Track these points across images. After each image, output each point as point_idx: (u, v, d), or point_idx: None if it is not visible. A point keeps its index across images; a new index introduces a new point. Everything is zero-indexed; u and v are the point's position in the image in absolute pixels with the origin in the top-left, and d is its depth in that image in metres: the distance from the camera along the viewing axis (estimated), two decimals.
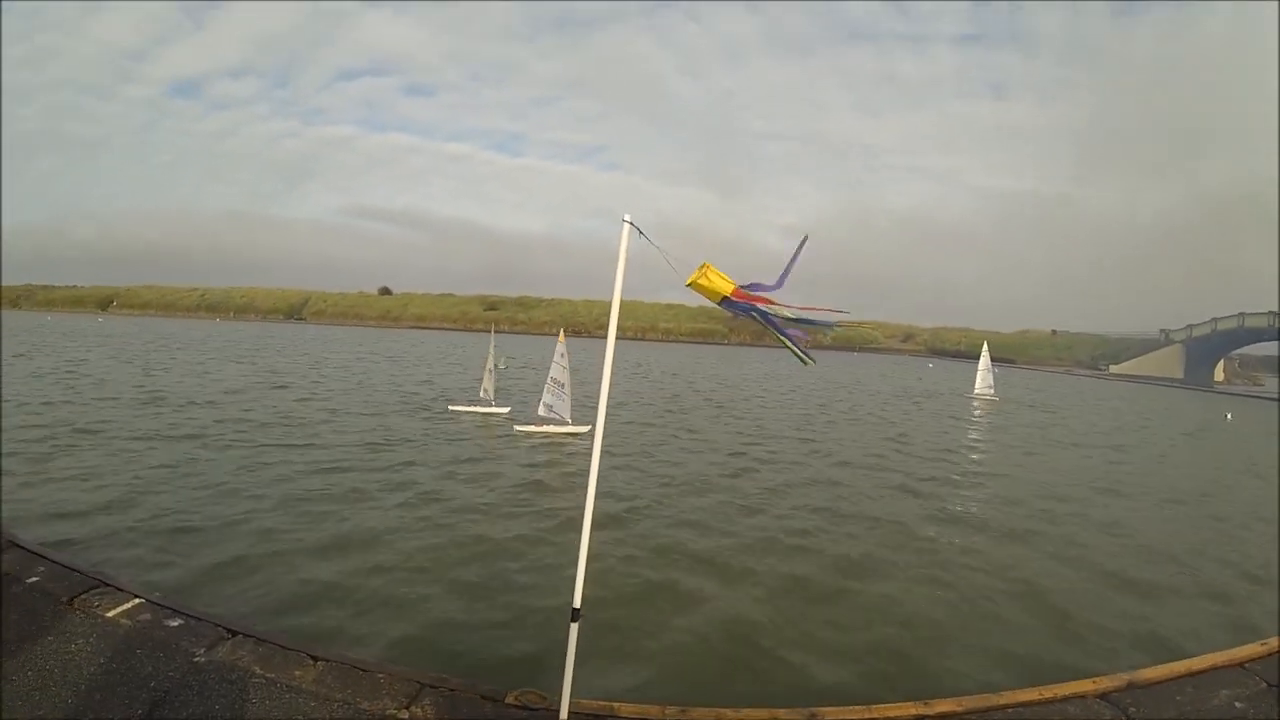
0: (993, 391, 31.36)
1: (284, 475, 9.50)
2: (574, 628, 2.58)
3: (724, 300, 2.43)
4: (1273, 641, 4.36)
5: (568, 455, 12.36)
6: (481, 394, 16.47)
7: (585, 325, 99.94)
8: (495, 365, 16.41)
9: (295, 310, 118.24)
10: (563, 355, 13.43)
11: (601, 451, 2.66)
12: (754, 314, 2.46)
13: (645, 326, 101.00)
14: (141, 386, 19.39)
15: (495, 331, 19.12)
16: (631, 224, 2.51)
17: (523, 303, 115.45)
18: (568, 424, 13.62)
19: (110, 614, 3.89)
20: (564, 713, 2.87)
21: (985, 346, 32.96)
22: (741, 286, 2.40)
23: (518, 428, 14.23)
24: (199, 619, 3.82)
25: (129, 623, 3.83)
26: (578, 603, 2.58)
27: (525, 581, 6.07)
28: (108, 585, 4.14)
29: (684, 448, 13.81)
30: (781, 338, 2.51)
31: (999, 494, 11.19)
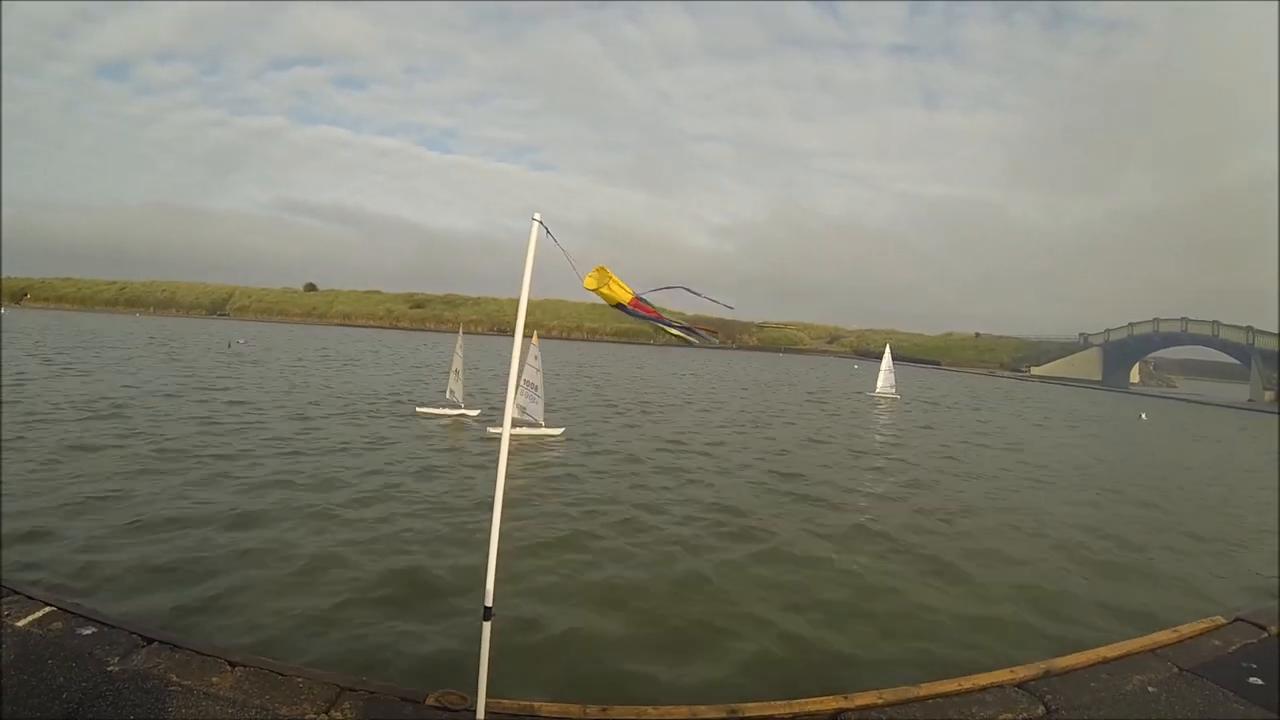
0: (894, 390, 32.24)
1: (240, 477, 9.28)
2: (486, 626, 2.58)
3: (619, 305, 2.51)
4: (1184, 629, 4.55)
5: (546, 458, 12.38)
6: (448, 395, 16.30)
7: (512, 324, 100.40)
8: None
9: (218, 306, 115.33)
10: (536, 357, 13.33)
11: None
12: (647, 319, 2.60)
13: (571, 326, 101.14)
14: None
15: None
16: (540, 223, 2.52)
17: (449, 301, 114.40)
18: (540, 426, 13.58)
19: (20, 623, 3.76)
20: (481, 713, 2.86)
21: (888, 348, 34.18)
22: (638, 296, 2.49)
23: (491, 430, 14.11)
24: (113, 626, 3.71)
25: (40, 632, 3.71)
26: (489, 601, 2.58)
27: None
28: (16, 594, 4.00)
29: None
30: (673, 332, 2.73)
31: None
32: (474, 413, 16.35)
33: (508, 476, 2.64)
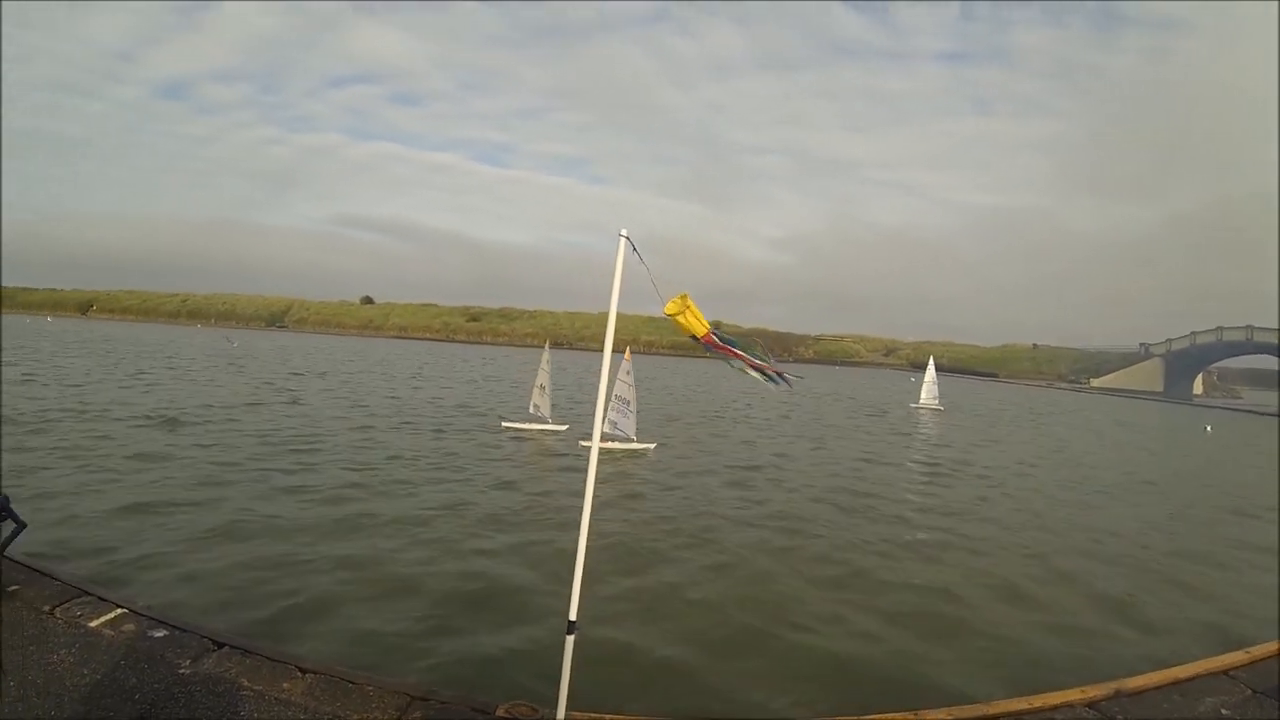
0: (938, 402, 31.96)
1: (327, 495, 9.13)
2: (569, 640, 2.58)
3: (694, 337, 2.53)
4: (1256, 650, 4.42)
5: (638, 471, 12.35)
6: (532, 409, 16.02)
7: (568, 337, 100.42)
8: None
9: (277, 318, 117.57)
10: (628, 373, 13.38)
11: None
12: (720, 357, 2.61)
13: (627, 340, 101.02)
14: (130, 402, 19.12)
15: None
16: (627, 239, 2.51)
17: (505, 314, 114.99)
18: (633, 441, 13.63)
19: (93, 624, 3.82)
20: None
21: (930, 361, 34.05)
22: (713, 333, 2.53)
23: (582, 443, 13.98)
24: (184, 630, 3.76)
25: (112, 633, 3.77)
26: (574, 615, 2.57)
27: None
28: (89, 595, 4.08)
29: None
30: (750, 373, 2.68)
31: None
32: (563, 428, 16.01)
33: (597, 489, 2.63)
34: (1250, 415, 54.00)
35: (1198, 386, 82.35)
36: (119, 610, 3.92)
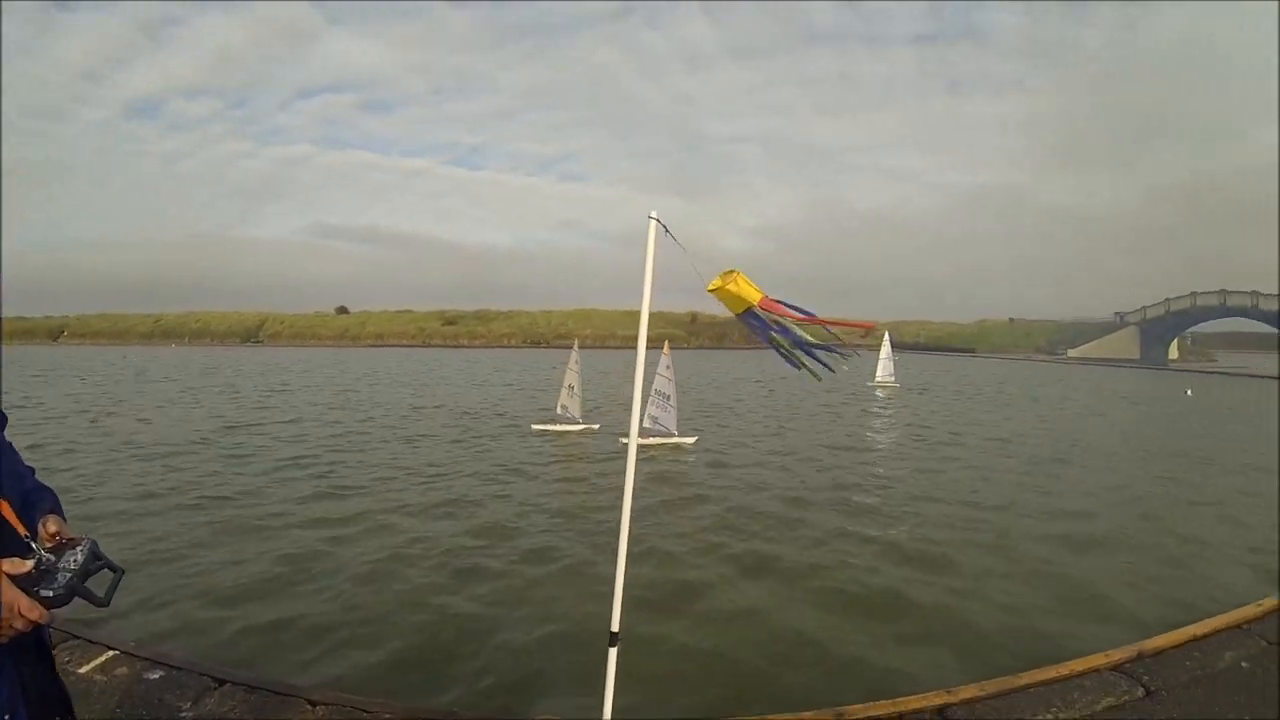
0: (893, 379, 32.27)
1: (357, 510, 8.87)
2: (612, 652, 2.46)
3: (747, 311, 2.28)
4: (1267, 602, 4.48)
5: (683, 468, 12.27)
6: (560, 410, 16.00)
7: (545, 336, 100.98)
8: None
9: (251, 333, 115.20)
10: (668, 367, 13.53)
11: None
12: (774, 330, 2.32)
13: (605, 334, 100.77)
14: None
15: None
16: (657, 220, 2.36)
17: (481, 316, 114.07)
18: (674, 436, 13.67)
19: (83, 670, 3.60)
20: None
21: (886, 336, 34.34)
22: (770, 298, 2.25)
23: (621, 440, 13.90)
24: (181, 669, 3.56)
25: (104, 678, 3.55)
26: (616, 626, 2.45)
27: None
28: (76, 638, 3.85)
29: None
30: (799, 354, 2.38)
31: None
32: (595, 426, 15.97)
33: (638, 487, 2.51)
34: (1225, 377, 55.48)
35: (1173, 352, 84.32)
36: (110, 652, 3.70)
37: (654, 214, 2.29)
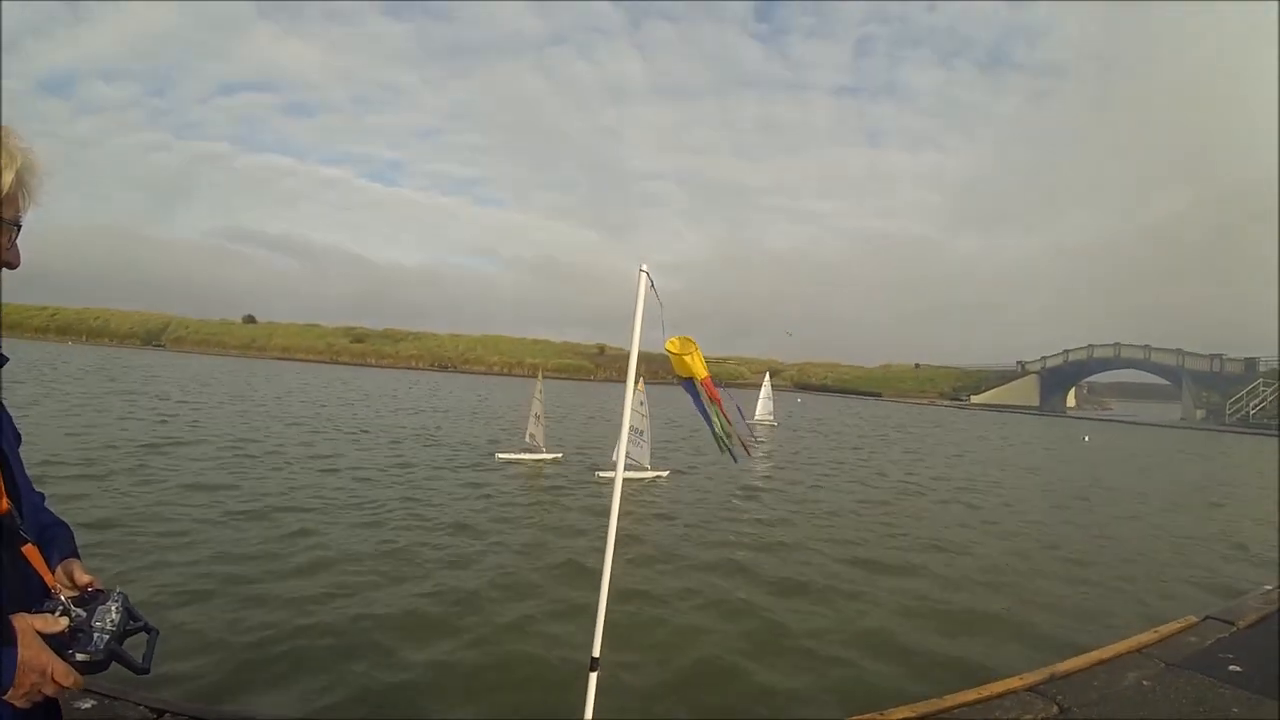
0: (772, 417, 33.27)
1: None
2: (593, 677, 2.53)
3: (689, 379, 2.60)
4: (1163, 629, 4.93)
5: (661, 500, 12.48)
6: (528, 439, 15.99)
7: (452, 360, 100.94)
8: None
9: (154, 336, 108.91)
10: (642, 403, 13.88)
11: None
12: (701, 405, 2.67)
13: (512, 362, 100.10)
14: None
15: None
16: (646, 273, 2.56)
17: (389, 335, 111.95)
18: (647, 469, 14.02)
19: None
20: None
21: (767, 375, 35.97)
22: (712, 379, 2.62)
23: (600, 474, 14.05)
24: (115, 698, 3.41)
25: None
26: (596, 652, 2.53)
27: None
28: None
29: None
30: (717, 433, 2.75)
31: None
32: (557, 455, 16.28)
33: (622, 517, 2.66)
34: (1119, 424, 60.52)
35: (1070, 400, 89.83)
36: None
37: (644, 267, 2.53)
